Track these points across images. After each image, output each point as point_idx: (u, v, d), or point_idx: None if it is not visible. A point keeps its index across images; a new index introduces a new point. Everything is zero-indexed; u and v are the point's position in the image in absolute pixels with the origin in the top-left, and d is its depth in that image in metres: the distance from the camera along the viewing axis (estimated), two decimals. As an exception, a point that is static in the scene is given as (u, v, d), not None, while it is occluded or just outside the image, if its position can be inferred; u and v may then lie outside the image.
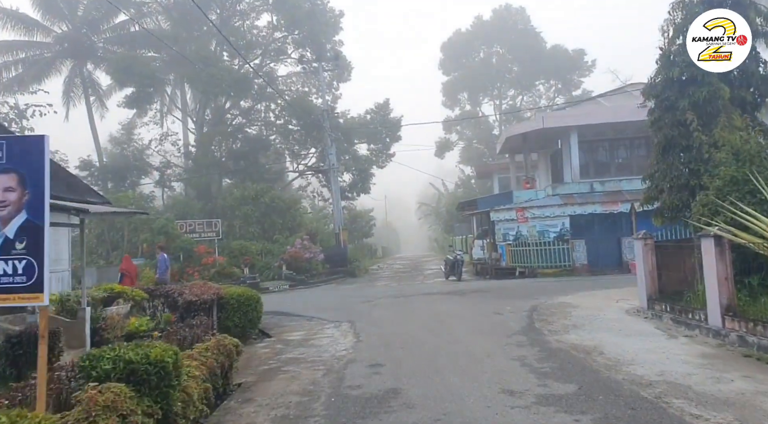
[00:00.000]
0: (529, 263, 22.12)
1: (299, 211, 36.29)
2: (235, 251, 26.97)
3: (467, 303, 14.86)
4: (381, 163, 45.01)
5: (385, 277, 28.74)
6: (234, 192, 35.87)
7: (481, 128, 64.39)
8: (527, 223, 22.26)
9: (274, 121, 41.12)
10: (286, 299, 19.70)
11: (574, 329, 10.51)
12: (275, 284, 25.07)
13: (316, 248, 28.18)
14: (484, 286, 19.15)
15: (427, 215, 76.82)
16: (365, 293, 20.07)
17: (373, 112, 44.63)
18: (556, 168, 28.41)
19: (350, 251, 34.26)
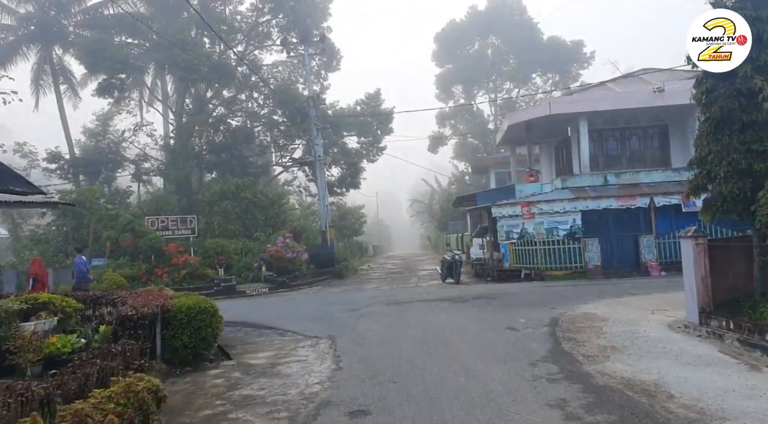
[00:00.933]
0: (536, 264, 19.82)
1: (283, 207, 33.84)
2: (210, 251, 24.50)
3: (471, 313, 12.50)
4: (372, 156, 42.65)
5: (376, 279, 26.37)
6: (213, 186, 33.37)
7: (475, 123, 62.13)
8: (533, 219, 19.95)
9: (259, 111, 38.55)
10: (262, 306, 17.28)
11: (615, 352, 8.17)
12: (253, 287, 22.64)
13: (300, 247, 25.76)
14: (488, 290, 16.80)
15: (420, 213, 74.53)
16: (352, 298, 17.69)
17: (363, 103, 42.27)
18: (561, 160, 26.13)
19: (338, 250, 31.85)
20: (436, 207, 64.13)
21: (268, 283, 23.27)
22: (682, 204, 19.00)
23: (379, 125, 42.31)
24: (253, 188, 32.56)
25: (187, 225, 26.56)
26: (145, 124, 37.55)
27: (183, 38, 32.05)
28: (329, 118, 39.77)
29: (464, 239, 33.81)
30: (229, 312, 16.41)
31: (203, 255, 24.58)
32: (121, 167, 40.58)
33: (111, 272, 21.90)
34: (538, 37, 61.10)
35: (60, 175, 36.21)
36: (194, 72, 31.91)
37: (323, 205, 28.91)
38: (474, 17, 61.70)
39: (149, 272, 22.61)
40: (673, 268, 18.93)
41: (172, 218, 26.52)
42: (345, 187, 39.60)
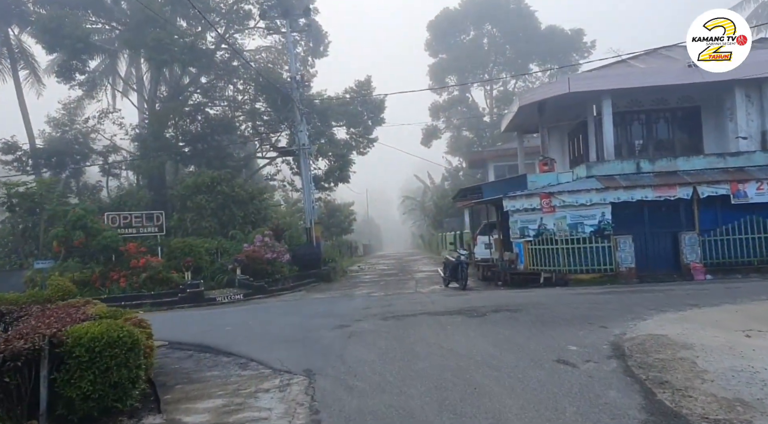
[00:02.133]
0: (557, 266, 16.82)
1: (265, 202, 30.63)
2: (177, 251, 21.29)
3: (498, 334, 9.44)
4: (362, 148, 39.51)
5: (368, 282, 23.27)
6: (186, 180, 30.12)
7: (471, 115, 59.19)
8: (554, 213, 16.91)
9: (240, 98, 35.27)
10: (231, 318, 14.13)
11: (753, 412, 5.16)
12: (225, 294, 19.48)
13: (282, 247, 22.61)
14: (505, 299, 13.75)
15: (412, 210, 71.50)
16: (340, 308, 14.58)
17: (352, 91, 39.12)
18: (575, 148, 23.18)
19: (325, 250, 28.73)
20: (429, 204, 61.14)
21: (243, 288, 20.11)
22: (731, 194, 16.07)
23: (369, 115, 39.24)
24: (231, 182, 29.34)
25: (154, 222, 23.43)
26: (111, 111, 34.02)
27: (152, 14, 28.74)
28: (316, 108, 36.64)
29: (464, 238, 30.78)
30: (187, 327, 13.30)
31: (169, 256, 21.39)
32: (89, 160, 37.32)
33: (57, 276, 18.60)
34: (536, 26, 58.32)
35: (17, 167, 32.74)
36: (164, 51, 28.59)
37: (308, 200, 25.77)
38: (469, 5, 58.75)
39: (104, 276, 19.41)
40: (720, 270, 16.05)
41: (136, 214, 23.31)
42: (333, 182, 36.44)
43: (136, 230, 22.82)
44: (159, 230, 23.45)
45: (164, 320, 14.92)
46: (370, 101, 39.03)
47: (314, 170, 36.84)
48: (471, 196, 22.14)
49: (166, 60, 29.12)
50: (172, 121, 34.53)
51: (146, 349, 7.28)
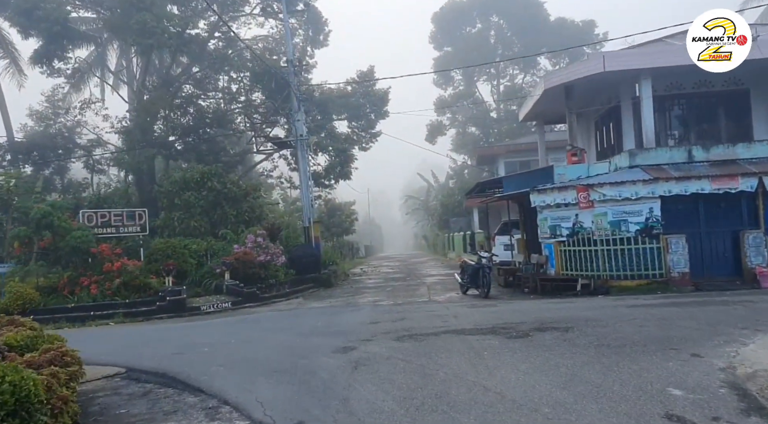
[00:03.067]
0: (595, 271, 14.41)
1: (259, 200, 28.20)
2: (158, 253, 18.86)
3: (557, 366, 7.01)
4: (364, 143, 37.15)
5: (373, 287, 20.85)
6: (173, 175, 27.72)
7: (477, 111, 56.83)
8: (593, 209, 14.50)
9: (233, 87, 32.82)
10: (210, 334, 11.73)
11: None
12: (211, 302, 17.05)
13: (276, 248, 20.19)
14: (544, 312, 11.33)
15: (415, 210, 69.09)
16: (343, 322, 12.17)
17: (354, 82, 36.78)
18: (605, 137, 20.78)
19: (325, 251, 26.33)
20: (433, 203, 58.83)
21: (232, 295, 17.69)
22: (804, 186, 13.70)
23: (372, 108, 36.88)
24: (223, 177, 26.95)
25: (136, 221, 21.08)
26: (94, 101, 31.60)
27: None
28: (315, 99, 34.29)
29: (475, 238, 28.36)
30: (156, 346, 10.83)
31: (150, 259, 18.97)
32: (74, 156, 35.02)
33: (16, 282, 16.25)
34: (545, 18, 56.02)
35: (-10, 163, 30.45)
36: (150, 35, 26.17)
37: (306, 196, 23.34)
38: (475, -5, 56.43)
39: (73, 282, 16.98)
40: (791, 276, 13.60)
41: (116, 212, 20.92)
42: (334, 178, 34.06)
43: (116, 229, 20.49)
44: (142, 230, 21.11)
45: (133, 335, 12.52)
46: (373, 93, 36.70)
47: (313, 166, 34.48)
48: (490, 191, 19.73)
49: (152, 45, 26.68)
50: (162, 113, 32.14)
51: (58, 402, 4.85)
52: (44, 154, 32.90)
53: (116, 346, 11.11)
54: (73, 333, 13.60)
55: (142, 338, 12.02)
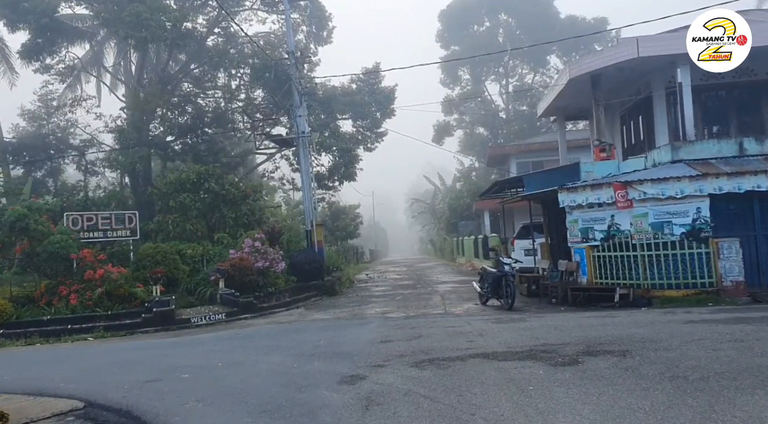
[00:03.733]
0: (634, 279, 12.73)
1: (260, 202, 26.62)
2: (146, 260, 17.26)
3: (633, 411, 5.35)
4: (369, 144, 35.55)
5: (381, 296, 19.18)
6: (168, 176, 26.17)
7: (485, 111, 55.22)
8: (632, 209, 12.82)
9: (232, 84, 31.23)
10: (194, 354, 10.11)
11: None
12: (203, 313, 15.43)
13: (276, 253, 18.56)
14: (586, 330, 9.67)
15: (421, 213, 67.41)
16: (349, 339, 10.52)
17: (359, 80, 35.23)
18: (633, 132, 19.12)
19: (329, 256, 24.69)
20: (440, 206, 57.15)
21: (226, 305, 16.06)
22: None
23: (378, 106, 35.27)
24: (221, 178, 25.40)
25: (126, 224, 19.48)
26: (86, 99, 30.11)
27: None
28: (318, 97, 32.75)
29: (488, 242, 26.67)
30: (129, 371, 9.08)
31: (138, 265, 17.36)
32: (66, 156, 33.63)
33: (-14, 292, 14.66)
34: (555, 15, 54.39)
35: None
36: (143, 28, 24.64)
37: (308, 197, 21.72)
38: (483, -8, 54.84)
39: (51, 291, 15.40)
40: None
41: (103, 215, 19.33)
42: (338, 179, 32.46)
43: (104, 233, 18.91)
44: (132, 234, 19.53)
45: (109, 355, 10.90)
46: (379, 91, 35.11)
47: (317, 167, 32.91)
48: (509, 191, 18.08)
49: (146, 38, 25.10)
50: (159, 112, 30.66)
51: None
52: (35, 155, 31.55)
53: (84, 369, 9.50)
54: (42, 351, 12.02)
55: (117, 357, 10.40)
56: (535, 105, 54.47)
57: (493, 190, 18.49)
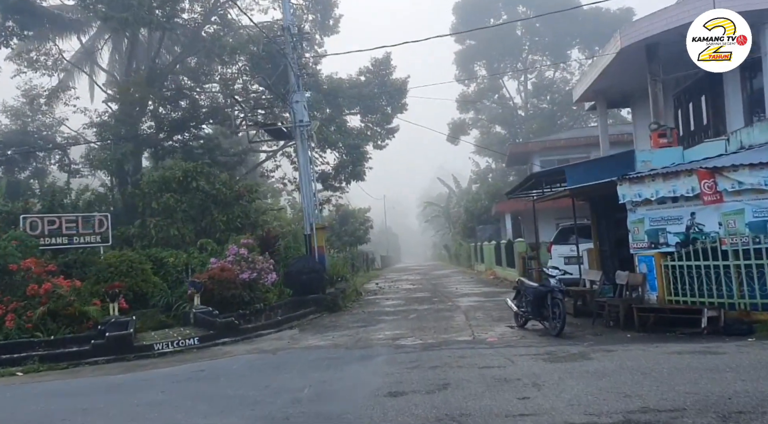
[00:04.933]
0: (724, 297, 9.60)
1: (255, 203, 23.68)
2: (105, 271, 14.33)
3: None
4: (379, 141, 32.59)
5: (391, 313, 16.08)
6: (152, 174, 23.33)
7: (503, 108, 52.12)
8: (721, 204, 9.70)
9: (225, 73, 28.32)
10: (114, 410, 7.10)
11: None
12: (171, 337, 12.46)
13: (266, 262, 15.59)
14: (697, 377, 6.58)
15: (435, 217, 64.24)
16: (343, 392, 7.42)
17: (368, 71, 32.34)
18: (698, 114, 15.95)
19: (333, 264, 21.67)
20: (456, 210, 54.05)
21: (202, 327, 13.09)
22: None
23: (389, 100, 32.34)
24: (212, 177, 22.56)
25: (95, 228, 16.61)
26: (64, 90, 27.44)
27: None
28: (323, 89, 29.87)
29: (513, 248, 23.56)
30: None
31: (97, 278, 14.43)
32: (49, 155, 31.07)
33: None
34: (577, 5, 51.15)
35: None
36: (125, 9, 21.90)
37: (307, 195, 18.73)
38: (500, -18, 51.83)
39: (-17, 308, 12.48)
40: None
41: (68, 218, 16.40)
42: (345, 179, 29.50)
43: (69, 239, 16.01)
44: (103, 240, 16.65)
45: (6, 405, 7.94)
46: (390, 83, 32.18)
47: (321, 165, 30.02)
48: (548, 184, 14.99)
49: (128, 20, 22.28)
50: (151, 104, 27.94)
51: None
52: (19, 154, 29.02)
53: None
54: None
55: (17, 410, 7.43)
56: (556, 101, 51.53)
57: (526, 185, 15.41)
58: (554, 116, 49.74)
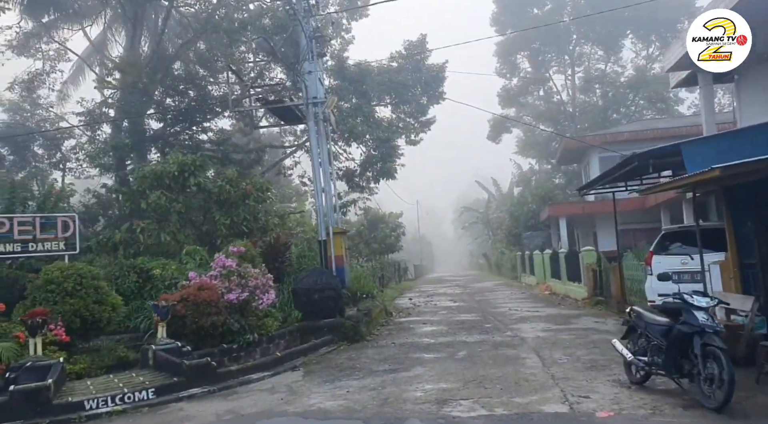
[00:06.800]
0: None
1: (265, 204, 19.79)
2: (43, 290, 10.58)
3: None
4: (413, 134, 28.59)
5: (432, 347, 11.91)
6: (142, 170, 19.69)
7: (546, 106, 47.62)
8: None
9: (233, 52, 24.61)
10: None
11: None
12: (115, 388, 8.58)
13: (262, 277, 11.66)
14: None
15: (473, 224, 59.76)
16: None
17: (400, 56, 28.46)
18: None
19: (356, 277, 17.66)
20: (495, 216, 49.67)
21: (161, 372, 9.22)
22: None
23: (424, 88, 28.38)
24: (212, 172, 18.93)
25: (58, 232, 13.00)
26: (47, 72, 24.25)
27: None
28: (349, 73, 26.11)
29: (579, 259, 19.22)
30: None
31: (32, 300, 10.68)
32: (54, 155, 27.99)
33: None
34: (631, -9, 46.46)
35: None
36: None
37: (318, 188, 14.82)
38: (545, -33, 47.49)
39: None
40: None
41: (21, 220, 12.70)
42: (373, 177, 25.57)
43: (22, 245, 12.42)
44: (68, 247, 13.00)
45: None
46: (425, 69, 28.23)
47: (345, 162, 26.17)
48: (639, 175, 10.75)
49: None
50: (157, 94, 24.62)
51: None
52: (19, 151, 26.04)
53: None
54: None
55: None
56: (608, 95, 46.78)
57: (619, 173, 11.21)
58: (606, 112, 45.06)
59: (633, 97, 44.11)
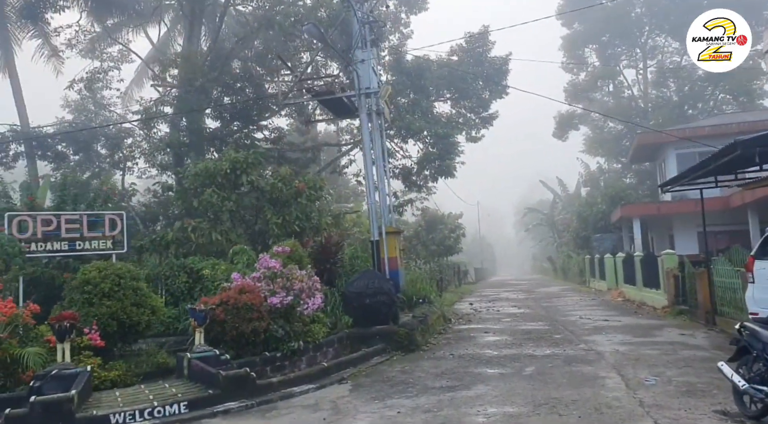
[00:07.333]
0: None
1: (319, 202, 18.99)
2: (78, 291, 10.04)
3: None
4: (474, 131, 27.29)
5: (496, 360, 10.68)
6: (194, 167, 19.27)
7: (614, 103, 45.10)
8: None
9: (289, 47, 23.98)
10: None
11: None
12: (145, 401, 7.85)
13: (309, 280, 10.75)
14: None
15: (536, 226, 57.57)
16: None
17: (461, 50, 27.21)
18: None
19: (412, 280, 16.64)
20: (561, 217, 47.52)
21: (196, 382, 8.45)
22: None
23: (486, 82, 27.01)
24: (269, 172, 18.34)
25: (105, 231, 12.65)
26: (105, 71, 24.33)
27: None
28: (406, 67, 25.12)
29: (657, 263, 17.48)
30: None
31: (69, 302, 10.17)
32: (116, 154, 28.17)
33: None
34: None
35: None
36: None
37: (371, 184, 13.86)
38: (615, -45, 44.96)
39: None
40: None
41: (69, 218, 12.44)
42: (431, 176, 24.45)
43: (69, 244, 12.13)
44: (116, 246, 12.71)
45: None
46: (487, 62, 26.89)
47: (401, 159, 25.18)
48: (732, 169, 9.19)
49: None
50: (216, 92, 24.39)
51: None
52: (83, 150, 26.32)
53: None
54: None
55: None
56: (683, 90, 43.84)
57: (714, 165, 9.67)
58: (682, 107, 42.22)
59: (712, 91, 41.15)
